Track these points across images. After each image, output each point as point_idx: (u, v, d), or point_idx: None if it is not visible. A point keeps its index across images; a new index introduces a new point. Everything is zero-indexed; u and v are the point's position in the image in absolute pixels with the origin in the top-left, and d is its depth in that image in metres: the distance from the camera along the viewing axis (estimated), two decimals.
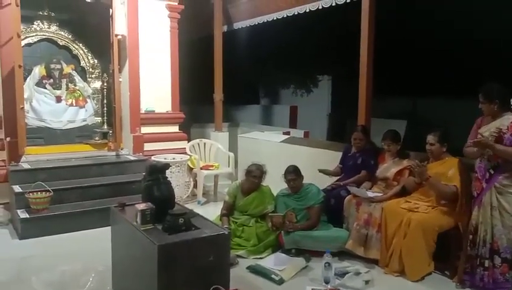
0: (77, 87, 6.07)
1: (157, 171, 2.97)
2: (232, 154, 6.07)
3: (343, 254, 3.74)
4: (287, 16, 5.85)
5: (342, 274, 3.30)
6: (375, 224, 3.65)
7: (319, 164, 4.84)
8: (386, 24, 6.03)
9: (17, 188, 4.59)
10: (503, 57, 8.68)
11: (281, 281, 3.29)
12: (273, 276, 3.33)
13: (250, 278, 3.39)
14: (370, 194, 3.85)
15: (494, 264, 3.07)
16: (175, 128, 6.37)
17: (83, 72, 6.28)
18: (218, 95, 7.03)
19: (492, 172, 3.09)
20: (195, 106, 9.31)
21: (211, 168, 5.90)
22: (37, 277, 3.45)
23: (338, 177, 4.47)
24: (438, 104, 10.54)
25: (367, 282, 3.28)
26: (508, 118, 3.08)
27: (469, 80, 7.34)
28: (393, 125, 5.84)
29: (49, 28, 6.00)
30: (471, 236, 3.19)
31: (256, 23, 6.55)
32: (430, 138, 3.60)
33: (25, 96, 5.37)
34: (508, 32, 8.30)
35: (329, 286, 3.13)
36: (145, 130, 5.99)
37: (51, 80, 5.93)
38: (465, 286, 3.22)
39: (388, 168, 4.02)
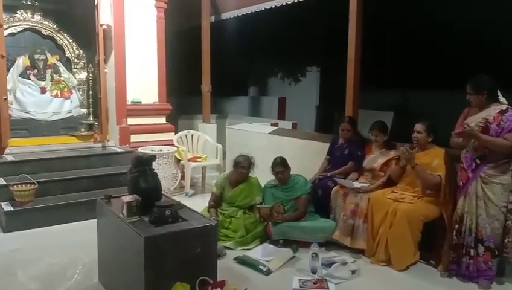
0: (62, 78, 5.97)
1: (144, 163, 2.95)
2: (220, 146, 6.05)
3: (330, 244, 3.77)
4: (275, 6, 5.82)
5: (328, 264, 3.33)
6: (361, 214, 3.68)
7: (307, 155, 4.86)
8: (375, 16, 6.04)
9: (1, 181, 4.53)
10: (490, 49, 8.76)
11: (268, 272, 3.31)
12: (260, 267, 3.35)
13: (238, 269, 3.40)
14: (357, 184, 3.88)
15: (477, 252, 3.13)
16: (162, 120, 6.33)
17: (68, 63, 6.18)
18: (206, 87, 7.00)
19: (478, 162, 3.12)
20: (183, 97, 9.23)
21: (198, 159, 5.88)
22: (22, 270, 3.42)
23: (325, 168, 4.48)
24: (425, 97, 10.59)
25: (354, 272, 3.31)
26: (494, 109, 3.11)
27: (456, 72, 7.39)
28: (381, 117, 5.85)
29: (32, 17, 5.88)
30: (456, 225, 3.24)
31: (245, 14, 6.50)
32: (418, 127, 3.62)
33: (9, 87, 5.28)
34: (495, 26, 8.37)
35: (316, 276, 3.15)
36: (132, 121, 5.94)
37: (35, 71, 5.83)
38: (451, 274, 3.27)
39: (375, 159, 4.04)
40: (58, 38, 6.08)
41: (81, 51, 6.22)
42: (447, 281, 3.23)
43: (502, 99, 3.16)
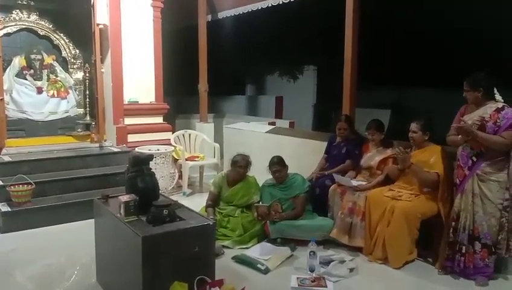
0: (59, 78, 5.96)
1: (141, 163, 2.95)
2: (217, 145, 6.05)
3: (328, 242, 3.77)
4: (272, 5, 5.82)
5: (326, 262, 3.34)
6: (359, 212, 3.68)
7: (304, 154, 4.86)
8: (372, 15, 6.05)
9: None
10: (488, 48, 8.77)
11: (266, 271, 3.31)
12: (258, 265, 3.35)
13: (236, 268, 3.40)
14: (354, 183, 3.89)
15: (474, 250, 3.14)
16: (159, 119, 6.31)
17: (64, 63, 6.16)
18: (203, 86, 6.99)
19: (475, 159, 3.14)
20: (180, 97, 9.22)
21: (196, 159, 5.88)
22: (20, 271, 3.41)
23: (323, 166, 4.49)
24: (421, 94, 10.63)
25: (351, 270, 3.32)
26: (490, 107, 3.13)
27: (453, 70, 7.40)
28: (377, 115, 5.87)
29: (28, 17, 5.86)
30: (453, 223, 3.25)
31: (241, 13, 6.49)
32: (413, 126, 3.63)
33: (5, 87, 5.27)
34: (493, 24, 8.39)
35: (314, 275, 3.16)
36: (129, 121, 5.93)
37: (32, 71, 5.82)
38: (447, 272, 3.28)
39: (372, 157, 4.05)
40: (55, 38, 6.07)
41: (77, 51, 6.20)
42: (445, 279, 3.24)
43: (498, 97, 3.17)
